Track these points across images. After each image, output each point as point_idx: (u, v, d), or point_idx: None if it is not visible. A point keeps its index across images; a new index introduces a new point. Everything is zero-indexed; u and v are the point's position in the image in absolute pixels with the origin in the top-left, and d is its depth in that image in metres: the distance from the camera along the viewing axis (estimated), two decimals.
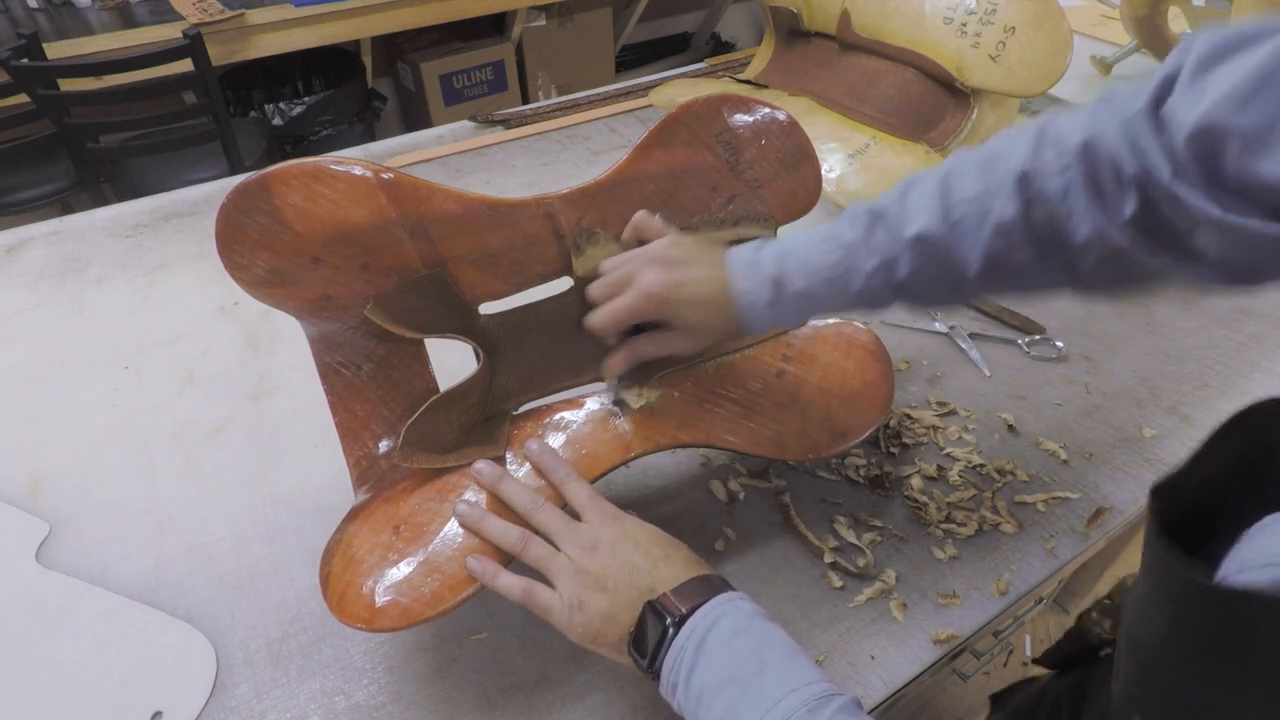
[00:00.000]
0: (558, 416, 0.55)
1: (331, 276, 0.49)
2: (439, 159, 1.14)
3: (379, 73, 2.64)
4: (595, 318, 0.52)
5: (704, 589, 0.44)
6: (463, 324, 0.55)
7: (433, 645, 0.54)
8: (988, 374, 0.75)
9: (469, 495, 0.50)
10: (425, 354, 0.54)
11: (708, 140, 0.57)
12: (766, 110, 0.59)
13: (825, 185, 0.70)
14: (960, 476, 0.65)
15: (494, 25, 2.66)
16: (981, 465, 0.66)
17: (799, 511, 0.62)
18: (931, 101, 0.92)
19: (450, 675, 0.53)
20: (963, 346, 0.78)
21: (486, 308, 0.56)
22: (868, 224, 0.48)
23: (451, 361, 0.56)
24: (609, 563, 0.45)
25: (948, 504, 0.63)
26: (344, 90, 2.29)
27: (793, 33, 1.14)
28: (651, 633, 0.43)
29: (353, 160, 0.49)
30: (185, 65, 1.67)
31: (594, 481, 0.52)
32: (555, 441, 0.54)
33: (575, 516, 0.49)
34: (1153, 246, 0.41)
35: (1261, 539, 0.29)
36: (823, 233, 0.50)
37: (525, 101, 2.75)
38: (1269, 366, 0.75)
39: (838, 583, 0.57)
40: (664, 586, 0.44)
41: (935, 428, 0.69)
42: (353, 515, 0.50)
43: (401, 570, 0.47)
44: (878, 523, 0.61)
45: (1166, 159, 0.38)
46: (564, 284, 0.58)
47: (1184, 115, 0.37)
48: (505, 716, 0.50)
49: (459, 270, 0.52)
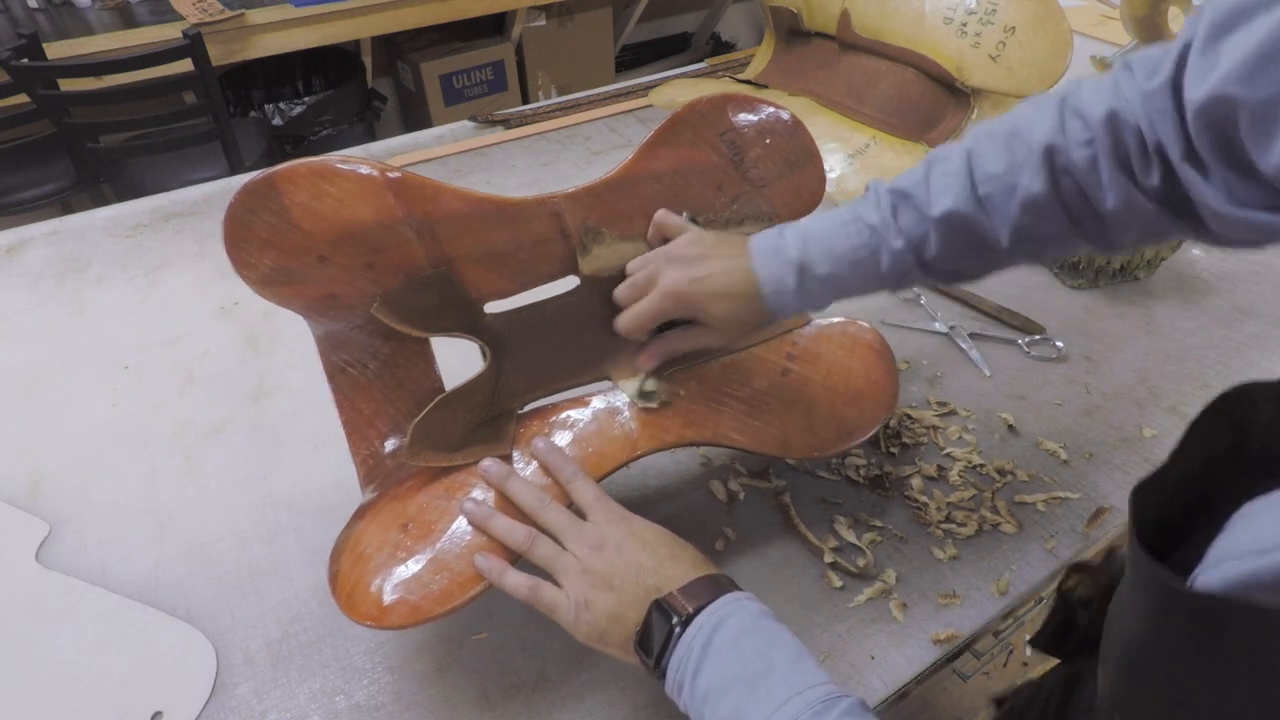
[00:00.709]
0: (564, 415, 0.55)
1: (338, 275, 0.49)
2: (439, 159, 1.14)
3: (379, 73, 2.64)
4: (622, 321, 0.53)
5: (711, 589, 0.44)
6: (469, 323, 0.55)
7: (433, 645, 0.54)
8: (988, 374, 0.75)
9: (476, 493, 0.50)
10: (431, 353, 0.55)
11: (712, 139, 0.58)
12: (771, 110, 0.59)
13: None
14: (960, 476, 0.65)
15: (494, 25, 2.66)
16: (981, 465, 0.66)
17: (799, 511, 0.62)
18: (931, 101, 0.92)
19: (450, 675, 0.53)
20: (963, 346, 0.78)
21: (492, 306, 0.56)
22: (892, 204, 0.48)
23: (454, 361, 0.56)
24: (615, 562, 0.45)
25: (948, 504, 0.63)
26: (344, 90, 2.29)
27: (793, 33, 1.14)
28: (658, 632, 0.43)
29: (360, 159, 0.49)
30: (185, 65, 1.67)
31: (600, 480, 0.52)
32: (562, 440, 0.54)
33: (581, 515, 0.49)
34: (1175, 215, 0.41)
35: (1238, 530, 0.29)
36: (844, 215, 0.50)
37: (525, 101, 2.75)
38: (1269, 366, 0.75)
39: (838, 583, 0.57)
40: (670, 586, 0.44)
41: (935, 428, 0.69)
42: (360, 513, 0.50)
43: (410, 568, 0.47)
44: (878, 523, 0.61)
45: (1179, 137, 0.38)
46: (570, 283, 0.58)
47: (1193, 90, 0.37)
48: (505, 716, 0.50)
49: (465, 269, 0.53)
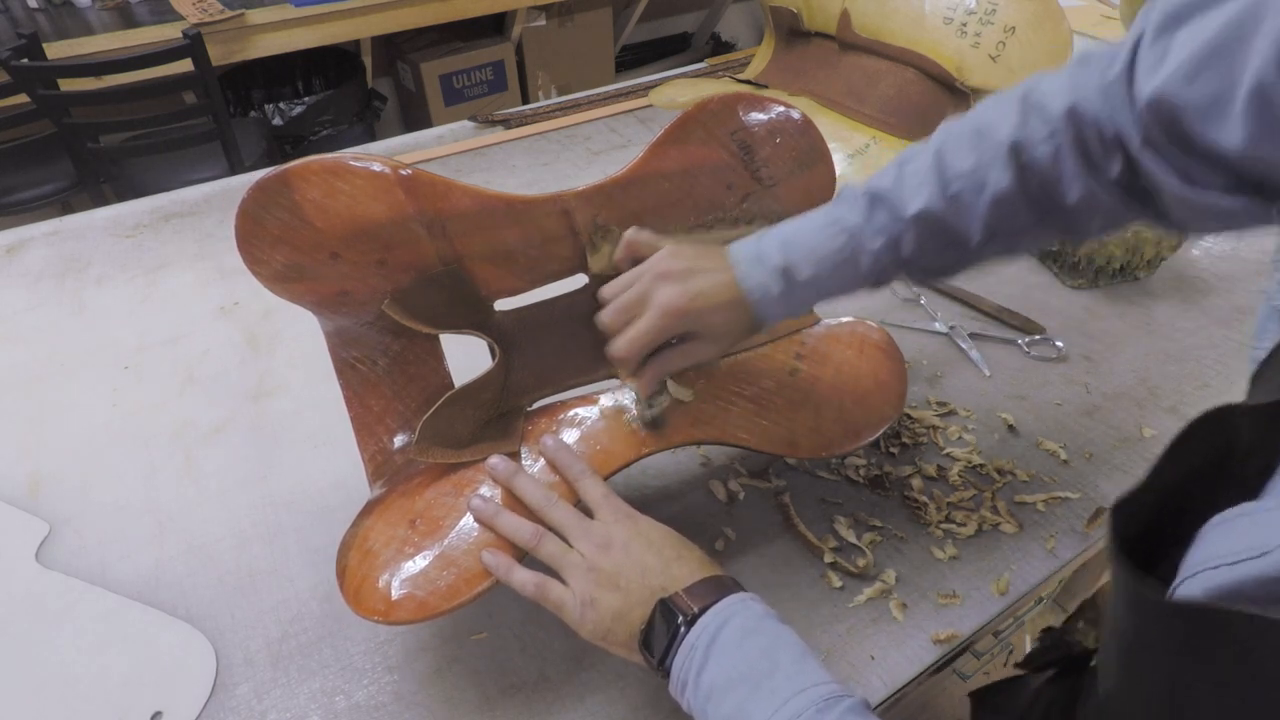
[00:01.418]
0: (572, 413, 0.55)
1: (349, 272, 0.49)
2: (439, 159, 1.14)
3: (379, 73, 2.64)
4: (618, 347, 0.50)
5: (716, 589, 0.44)
6: (479, 320, 0.55)
7: (433, 645, 0.54)
8: (988, 374, 0.75)
9: (484, 490, 0.50)
10: (441, 350, 0.55)
11: (722, 138, 0.58)
12: (781, 109, 0.59)
13: None
14: (960, 476, 0.65)
15: (494, 25, 2.66)
16: (981, 465, 0.66)
17: (799, 511, 0.62)
18: (931, 101, 0.92)
19: (450, 675, 0.53)
20: (963, 346, 0.78)
21: (502, 304, 0.56)
22: (867, 205, 0.49)
23: (461, 359, 0.56)
24: (622, 561, 0.46)
25: (948, 504, 0.63)
26: (344, 90, 2.29)
27: (793, 33, 1.14)
28: (662, 631, 0.43)
29: (372, 156, 0.49)
30: (185, 65, 1.67)
31: (608, 478, 0.52)
32: (569, 437, 0.54)
33: (589, 513, 0.49)
34: (1139, 204, 0.42)
35: (1210, 540, 0.29)
36: (821, 219, 0.50)
37: (525, 101, 2.75)
38: None
39: (838, 583, 0.57)
40: (676, 586, 0.44)
41: (935, 428, 0.69)
42: (369, 509, 0.50)
43: (418, 564, 0.47)
44: (878, 523, 0.61)
45: (1137, 126, 0.39)
46: (579, 281, 0.58)
47: (1142, 84, 0.38)
48: (505, 716, 0.50)
49: (475, 266, 0.53)
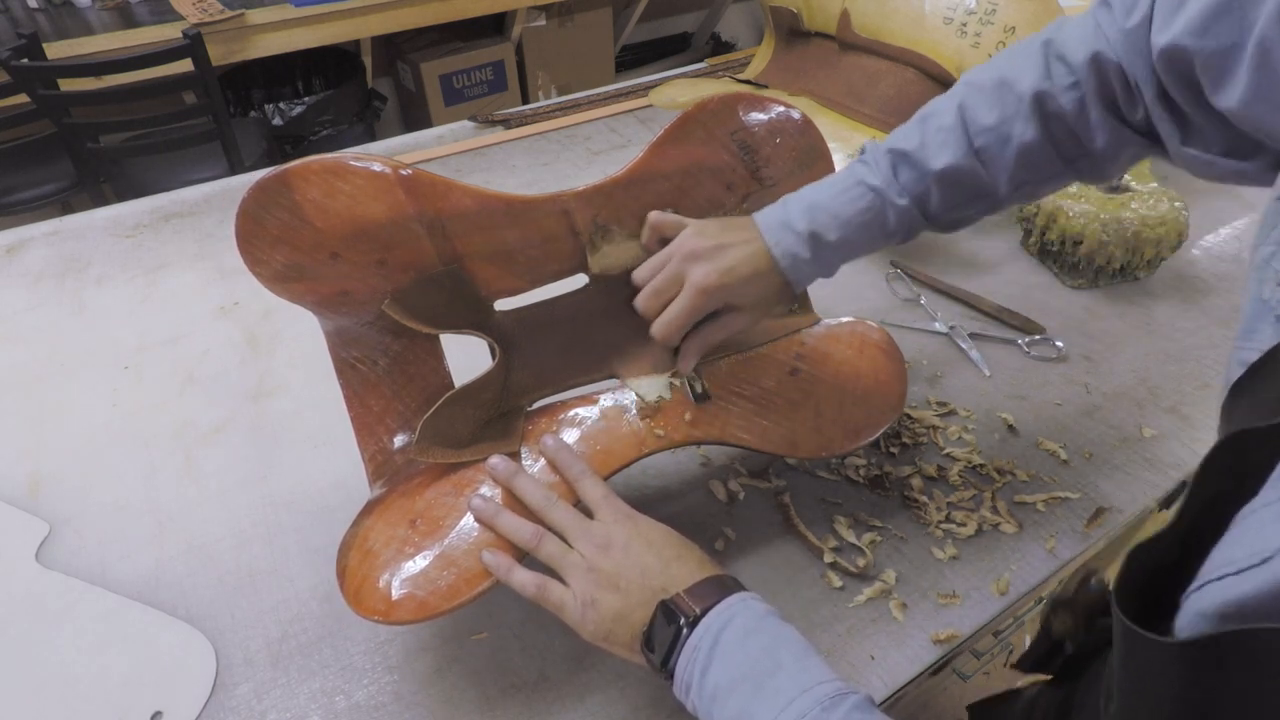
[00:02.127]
0: (572, 412, 0.55)
1: (349, 272, 0.49)
2: (439, 159, 1.14)
3: (379, 73, 2.64)
4: (659, 328, 0.51)
5: (717, 589, 0.44)
6: (479, 320, 0.55)
7: (433, 645, 0.54)
8: (988, 374, 0.75)
9: (484, 490, 0.50)
10: (441, 350, 0.55)
11: (723, 138, 0.58)
12: (781, 109, 0.59)
13: None
14: (960, 476, 0.65)
15: (494, 25, 2.66)
16: (981, 465, 0.66)
17: (799, 511, 0.62)
18: None
19: (450, 675, 0.53)
20: (963, 346, 0.78)
21: (502, 304, 0.56)
22: (891, 164, 0.50)
23: (461, 359, 0.56)
24: (622, 562, 0.46)
25: (948, 504, 0.63)
26: (344, 90, 2.29)
27: (793, 33, 1.14)
28: (664, 632, 0.43)
29: (372, 156, 0.49)
30: (185, 65, 1.67)
31: (608, 478, 0.52)
32: (570, 437, 0.54)
33: (589, 514, 0.49)
34: (1159, 146, 0.43)
35: (1219, 549, 0.28)
36: (843, 180, 0.51)
37: (525, 101, 2.75)
38: None
39: (838, 583, 0.57)
40: (677, 586, 0.44)
41: (935, 428, 0.69)
42: (369, 509, 0.50)
43: (418, 564, 0.47)
44: (878, 523, 0.61)
45: (1151, 78, 0.40)
46: (579, 281, 0.58)
47: (1157, 35, 0.39)
48: (505, 716, 0.50)
49: (475, 266, 0.53)
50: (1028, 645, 0.52)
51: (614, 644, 0.45)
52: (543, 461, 0.52)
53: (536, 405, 0.57)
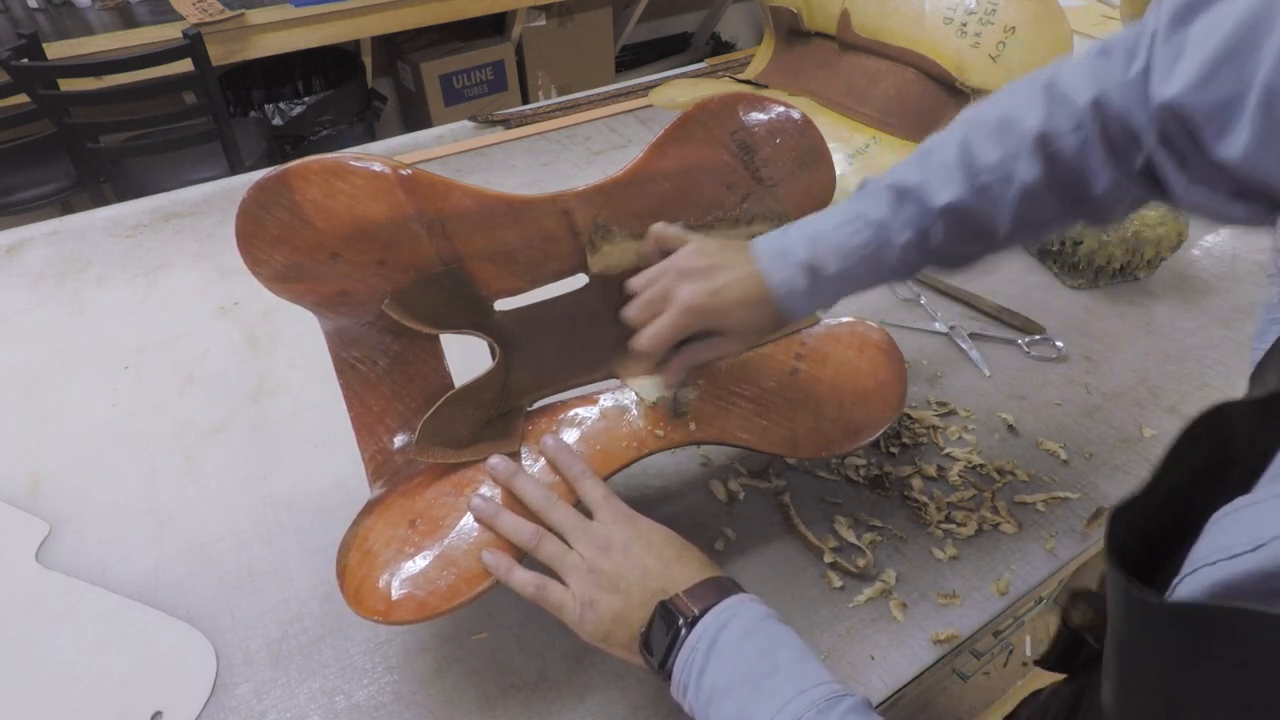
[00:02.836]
0: (572, 413, 0.55)
1: (349, 272, 0.49)
2: (439, 159, 1.14)
3: (379, 73, 2.64)
4: (642, 340, 0.51)
5: (716, 591, 0.44)
6: (479, 320, 0.55)
7: (433, 645, 0.54)
8: (988, 374, 0.75)
9: (484, 490, 0.50)
10: (441, 350, 0.55)
11: (723, 138, 0.58)
12: (782, 109, 0.59)
13: None
14: (960, 476, 0.65)
15: (494, 25, 2.66)
16: (981, 465, 0.66)
17: (799, 511, 0.62)
18: (931, 101, 0.92)
19: (450, 675, 0.53)
20: (963, 346, 0.78)
21: (502, 304, 0.56)
22: (893, 199, 0.49)
23: (461, 359, 0.56)
24: (622, 563, 0.46)
25: (948, 504, 0.63)
26: (344, 90, 2.29)
27: (793, 33, 1.14)
28: (662, 633, 0.43)
29: (372, 156, 0.49)
30: (185, 65, 1.67)
31: (608, 478, 0.52)
32: (569, 437, 0.54)
33: (588, 514, 0.49)
34: (1159, 192, 0.43)
35: (1211, 535, 0.29)
36: (844, 213, 0.50)
37: (525, 101, 2.75)
38: None
39: (838, 583, 0.57)
40: (676, 587, 0.44)
41: (935, 428, 0.69)
42: (369, 509, 0.50)
43: (417, 564, 0.47)
44: (878, 523, 0.61)
45: (1152, 125, 0.40)
46: (579, 281, 0.58)
47: (1157, 86, 0.38)
48: (505, 716, 0.50)
49: (475, 266, 0.53)
50: (1032, 647, 0.52)
51: (613, 645, 0.45)
52: (542, 461, 0.52)
53: (536, 405, 0.57)
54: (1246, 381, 0.38)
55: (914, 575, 0.58)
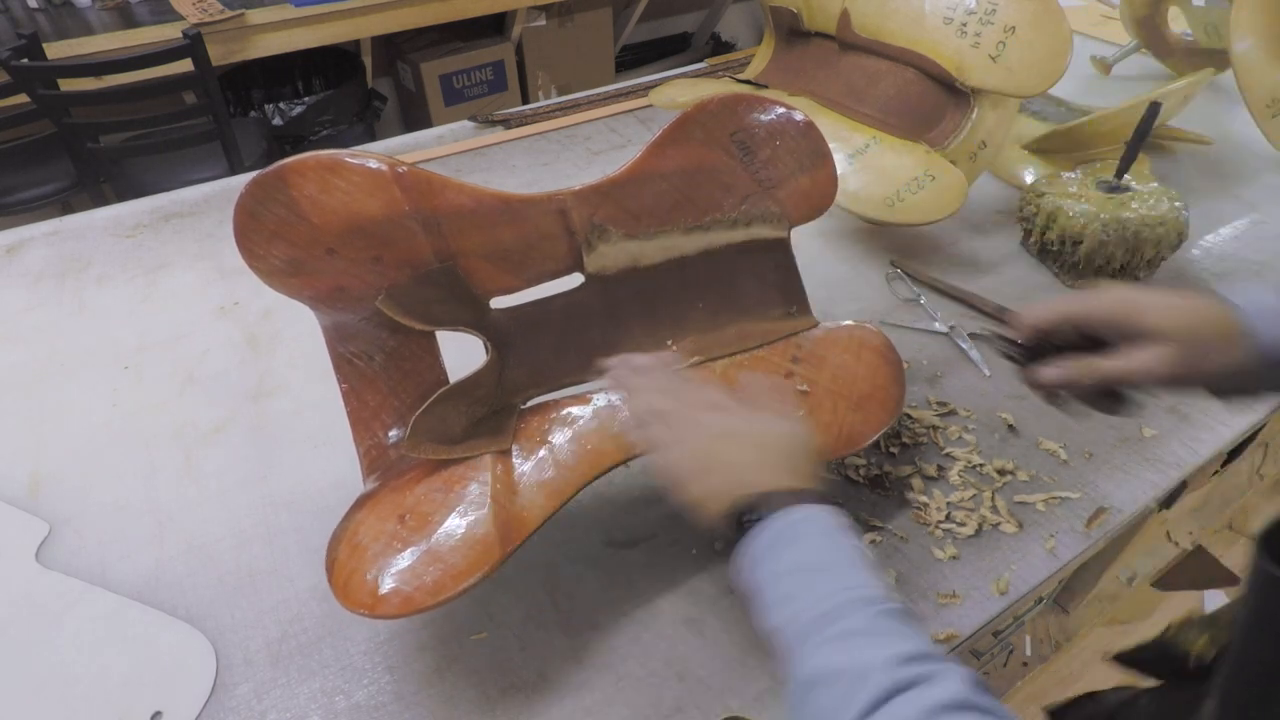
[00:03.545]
0: (565, 411, 0.55)
1: (345, 268, 0.49)
2: (439, 159, 1.14)
3: (379, 73, 2.64)
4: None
5: (801, 495, 0.44)
6: (474, 317, 0.55)
7: (433, 645, 0.54)
8: (988, 374, 0.75)
9: (474, 487, 0.50)
10: (436, 346, 0.55)
11: (722, 139, 0.57)
12: (782, 110, 0.59)
13: None
14: (960, 476, 0.65)
15: (494, 25, 2.66)
16: (981, 465, 0.66)
17: None
18: (931, 101, 0.92)
19: (450, 675, 0.53)
20: (963, 346, 0.78)
21: (498, 302, 0.56)
22: None
23: (457, 356, 0.56)
24: (749, 432, 0.47)
25: (948, 504, 0.62)
26: (344, 90, 2.29)
27: (793, 33, 1.14)
28: (741, 513, 0.44)
29: (368, 154, 0.49)
30: (185, 65, 1.67)
31: (600, 476, 0.52)
32: (562, 437, 0.54)
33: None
34: None
35: None
36: None
37: (525, 101, 2.75)
38: None
39: None
40: (770, 479, 0.45)
41: (935, 428, 0.69)
42: (360, 503, 0.50)
43: (405, 559, 0.47)
44: (878, 523, 0.61)
45: None
46: (575, 280, 0.58)
47: None
48: (505, 716, 0.50)
49: (471, 264, 0.53)
50: (1032, 647, 0.52)
51: (705, 492, 0.45)
52: (535, 458, 0.52)
53: (530, 404, 0.57)
54: None
55: (914, 575, 0.58)
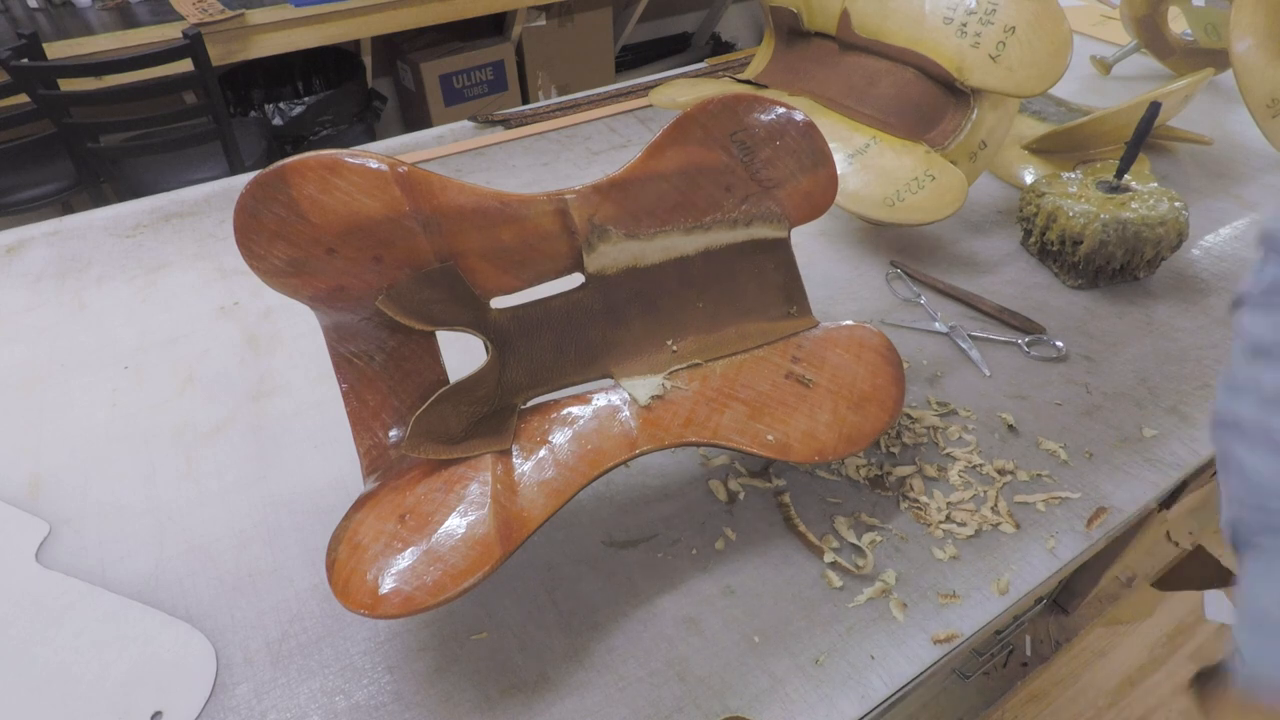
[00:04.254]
0: (565, 411, 0.55)
1: (345, 268, 0.49)
2: (439, 159, 1.14)
3: (379, 73, 2.64)
4: None
5: None
6: (474, 318, 0.55)
7: (433, 645, 0.54)
8: (988, 374, 0.75)
9: (474, 486, 0.50)
10: (436, 346, 0.55)
11: (722, 139, 0.57)
12: (783, 110, 0.59)
13: None
14: (960, 476, 0.65)
15: (494, 25, 2.66)
16: (981, 465, 0.66)
17: (799, 511, 0.62)
18: (931, 101, 0.92)
19: (450, 675, 0.53)
20: (963, 346, 0.78)
21: (498, 302, 0.56)
22: None
23: (457, 356, 0.56)
24: None
25: (948, 504, 0.63)
26: (344, 90, 2.29)
27: (793, 33, 1.14)
28: None
29: (369, 153, 0.49)
30: (185, 65, 1.67)
31: (599, 477, 0.52)
32: (562, 437, 0.54)
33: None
34: None
35: None
36: None
37: (525, 101, 2.75)
38: None
39: (838, 583, 0.57)
40: None
41: (935, 428, 0.69)
42: (360, 503, 0.50)
43: (405, 559, 0.47)
44: (878, 523, 0.61)
45: None
46: (575, 280, 0.58)
47: None
48: (505, 716, 0.50)
49: (471, 264, 0.53)
50: (1033, 647, 0.51)
51: None
52: (535, 458, 0.52)
53: (529, 404, 0.57)
54: None
55: (914, 575, 0.58)
